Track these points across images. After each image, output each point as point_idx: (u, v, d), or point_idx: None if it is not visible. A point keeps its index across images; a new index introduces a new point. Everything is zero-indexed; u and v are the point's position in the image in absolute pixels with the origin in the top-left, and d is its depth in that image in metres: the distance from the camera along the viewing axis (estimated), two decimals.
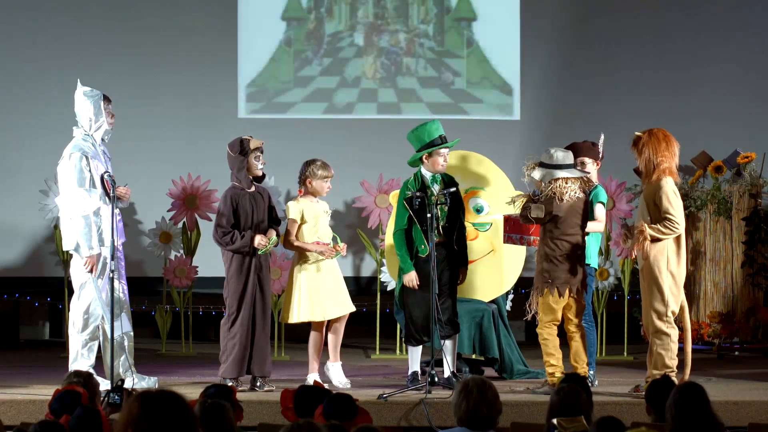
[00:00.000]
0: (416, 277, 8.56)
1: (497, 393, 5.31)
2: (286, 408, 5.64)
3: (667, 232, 8.16)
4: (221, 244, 8.60)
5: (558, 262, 8.36)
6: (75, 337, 8.57)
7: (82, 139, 8.58)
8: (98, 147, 8.58)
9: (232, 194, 8.62)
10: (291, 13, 12.13)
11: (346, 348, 10.88)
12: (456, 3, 12.18)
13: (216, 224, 8.65)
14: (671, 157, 8.26)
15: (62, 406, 5.50)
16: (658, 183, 8.21)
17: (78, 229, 8.46)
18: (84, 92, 8.62)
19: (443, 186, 8.67)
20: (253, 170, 8.66)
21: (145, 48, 11.93)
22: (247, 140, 8.64)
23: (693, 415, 5.17)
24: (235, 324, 8.55)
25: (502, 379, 9.15)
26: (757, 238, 10.79)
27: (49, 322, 12.26)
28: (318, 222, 8.71)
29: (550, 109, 12.05)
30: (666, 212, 8.15)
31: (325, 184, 8.73)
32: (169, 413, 3.88)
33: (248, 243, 8.50)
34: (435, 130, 8.67)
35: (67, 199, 8.52)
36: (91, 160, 8.47)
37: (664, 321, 8.23)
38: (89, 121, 8.59)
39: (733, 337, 10.81)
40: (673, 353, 8.23)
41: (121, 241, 8.63)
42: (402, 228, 8.64)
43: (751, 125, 11.93)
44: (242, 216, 8.58)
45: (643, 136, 8.31)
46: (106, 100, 8.64)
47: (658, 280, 8.20)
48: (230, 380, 8.41)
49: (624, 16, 12.14)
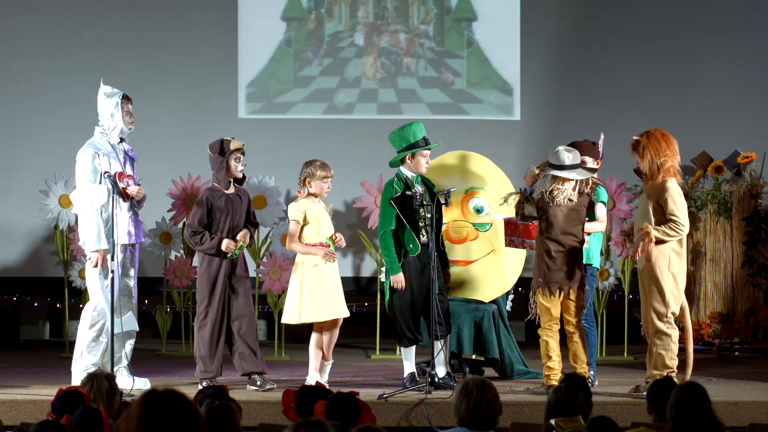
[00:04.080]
0: (403, 278, 8.58)
1: (497, 393, 5.31)
2: (287, 407, 5.65)
3: (673, 234, 8.17)
4: (190, 244, 8.69)
5: (552, 263, 8.35)
6: (81, 334, 8.61)
7: (98, 137, 8.66)
8: (117, 146, 8.63)
9: (207, 195, 8.64)
10: (291, 13, 12.14)
11: (346, 348, 10.90)
12: (456, 3, 12.18)
13: (188, 223, 8.70)
14: (673, 156, 8.27)
15: (65, 405, 5.49)
16: (663, 184, 8.21)
17: (85, 224, 8.57)
18: (105, 92, 8.72)
19: (425, 186, 8.71)
20: (232, 171, 8.66)
21: (145, 48, 11.93)
22: (228, 141, 8.64)
23: (693, 416, 5.17)
24: (204, 327, 8.57)
25: (502, 379, 9.15)
26: (757, 238, 10.79)
27: (49, 322, 12.26)
28: (320, 221, 8.70)
29: (550, 109, 12.05)
30: (672, 214, 8.16)
31: (324, 185, 8.72)
32: (173, 412, 3.89)
33: (215, 246, 8.51)
34: (419, 131, 8.69)
35: (78, 194, 8.64)
36: (102, 157, 8.54)
37: (664, 321, 8.23)
38: (107, 119, 8.66)
39: (733, 338, 10.82)
40: (673, 353, 8.23)
41: (139, 241, 8.79)
42: (390, 228, 8.64)
43: (751, 125, 11.93)
44: (216, 218, 8.59)
45: (642, 139, 8.31)
46: (125, 99, 8.71)
47: (659, 280, 8.20)
48: (205, 381, 8.43)
49: (624, 16, 12.14)
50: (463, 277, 9.41)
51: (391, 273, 8.63)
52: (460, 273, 9.37)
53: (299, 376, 8.93)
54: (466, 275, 9.43)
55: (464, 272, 9.42)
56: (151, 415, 3.88)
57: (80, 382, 5.95)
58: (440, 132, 10.26)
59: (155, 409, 3.90)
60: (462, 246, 9.43)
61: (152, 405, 3.90)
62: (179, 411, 3.91)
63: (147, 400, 3.93)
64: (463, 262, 9.42)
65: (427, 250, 8.54)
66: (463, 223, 9.47)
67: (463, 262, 9.42)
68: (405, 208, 8.62)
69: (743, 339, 10.80)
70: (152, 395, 3.93)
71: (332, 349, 8.74)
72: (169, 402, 3.91)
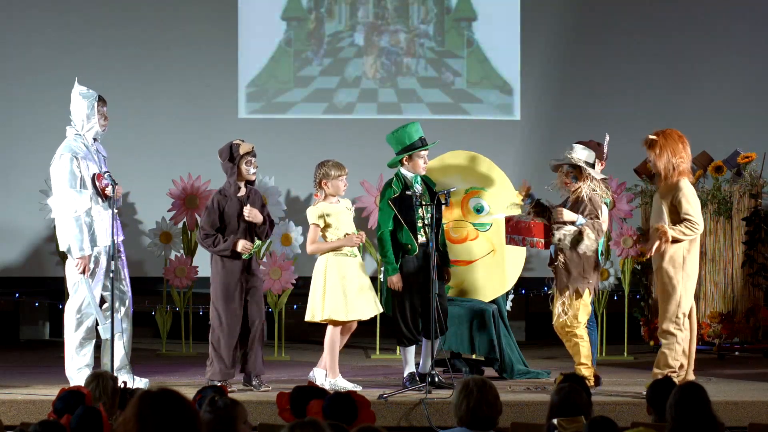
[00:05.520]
0: (400, 280, 8.57)
1: (497, 393, 5.31)
2: (282, 410, 5.63)
3: (688, 233, 8.24)
4: (203, 247, 8.67)
5: (590, 263, 8.45)
6: (69, 337, 8.54)
7: (73, 139, 8.53)
8: (90, 147, 8.54)
9: (218, 199, 8.63)
10: (291, 13, 12.14)
11: (346, 348, 10.89)
12: (456, 3, 12.18)
13: (200, 226, 8.70)
14: (687, 158, 8.35)
15: (65, 405, 5.50)
16: (677, 184, 8.26)
17: (69, 230, 8.42)
18: (80, 92, 8.57)
19: (425, 186, 8.70)
20: (245, 175, 8.65)
21: (145, 48, 11.93)
22: (237, 145, 8.60)
23: (693, 416, 5.17)
24: (221, 328, 8.54)
25: (502, 379, 9.15)
26: (757, 238, 10.79)
27: (49, 322, 12.27)
28: (340, 221, 8.66)
29: (550, 109, 12.05)
30: (686, 214, 8.23)
31: (341, 183, 8.68)
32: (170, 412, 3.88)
33: (230, 247, 8.49)
34: (415, 132, 8.69)
35: (59, 200, 8.50)
36: (81, 161, 8.43)
37: (672, 322, 8.27)
38: (82, 121, 8.54)
39: (734, 337, 10.81)
40: (677, 353, 8.25)
41: (120, 238, 8.57)
42: (388, 229, 8.64)
43: (751, 125, 11.93)
44: (227, 220, 8.58)
45: (659, 138, 8.34)
46: (101, 101, 8.56)
47: (673, 280, 8.25)
48: (218, 382, 8.43)
49: (624, 16, 12.14)
50: (463, 277, 9.40)
51: (388, 274, 8.63)
52: (461, 273, 9.37)
53: (299, 376, 8.93)
54: (466, 275, 9.43)
55: (464, 272, 9.42)
56: (148, 416, 3.88)
57: (84, 381, 5.95)
58: (440, 132, 10.26)
59: (152, 409, 3.89)
60: (462, 246, 9.43)
61: (149, 405, 3.90)
62: (177, 410, 3.90)
63: (143, 400, 3.92)
64: (464, 262, 9.42)
65: (426, 250, 8.53)
66: (464, 223, 9.47)
67: (464, 262, 9.42)
68: (403, 208, 8.61)
69: (743, 339, 10.80)
70: (148, 396, 3.93)
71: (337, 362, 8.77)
72: (166, 402, 3.91)
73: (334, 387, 8.43)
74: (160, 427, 3.86)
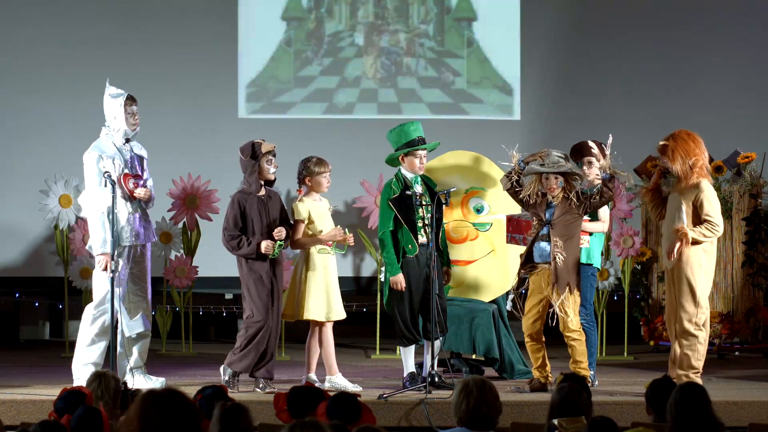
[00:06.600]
0: (403, 279, 8.57)
1: (497, 393, 5.31)
2: (280, 411, 5.61)
3: (709, 235, 8.24)
4: (228, 249, 8.62)
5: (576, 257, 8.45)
6: (83, 331, 8.57)
7: (104, 139, 8.64)
8: (122, 147, 8.61)
9: (239, 198, 8.61)
10: (291, 13, 12.14)
11: (346, 348, 10.89)
12: (456, 3, 12.18)
13: (223, 228, 8.65)
14: (702, 154, 8.35)
15: (66, 405, 5.50)
16: (698, 185, 8.25)
17: (93, 227, 8.56)
18: (110, 93, 8.71)
19: (426, 186, 8.70)
20: (265, 174, 8.64)
21: (145, 47, 11.93)
22: (259, 144, 8.61)
23: (693, 416, 5.17)
24: (258, 328, 8.51)
25: (502, 379, 9.15)
26: (757, 238, 10.79)
27: (49, 322, 12.27)
28: (323, 221, 8.70)
29: (550, 109, 12.05)
30: (707, 215, 8.23)
31: (324, 180, 8.71)
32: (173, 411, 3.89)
33: (254, 250, 8.49)
34: (413, 130, 8.68)
35: (84, 198, 8.65)
36: (106, 159, 8.52)
37: (692, 323, 8.28)
38: (112, 120, 8.64)
39: (734, 337, 10.81)
40: (700, 355, 8.28)
41: (150, 241, 8.74)
42: (388, 229, 8.64)
43: (751, 125, 11.93)
44: (250, 220, 8.56)
45: (669, 142, 8.35)
46: (129, 100, 8.68)
47: (692, 281, 8.25)
48: (232, 371, 8.44)
49: (624, 16, 12.14)
50: (463, 277, 9.40)
51: (391, 274, 8.63)
52: (461, 273, 9.37)
53: (299, 376, 8.93)
54: (466, 275, 9.43)
55: (464, 272, 9.42)
56: (151, 416, 3.88)
57: (86, 381, 5.96)
58: (440, 132, 10.26)
59: (155, 409, 3.90)
60: (462, 246, 9.43)
61: (151, 405, 3.90)
62: (179, 410, 3.91)
63: (146, 400, 3.93)
64: (464, 262, 9.42)
65: (426, 250, 8.53)
66: (464, 223, 9.46)
67: (464, 262, 9.42)
68: (403, 208, 8.60)
69: (743, 339, 10.80)
70: (151, 395, 3.93)
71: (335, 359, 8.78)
72: (169, 401, 3.92)
73: (333, 385, 8.45)
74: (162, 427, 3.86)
